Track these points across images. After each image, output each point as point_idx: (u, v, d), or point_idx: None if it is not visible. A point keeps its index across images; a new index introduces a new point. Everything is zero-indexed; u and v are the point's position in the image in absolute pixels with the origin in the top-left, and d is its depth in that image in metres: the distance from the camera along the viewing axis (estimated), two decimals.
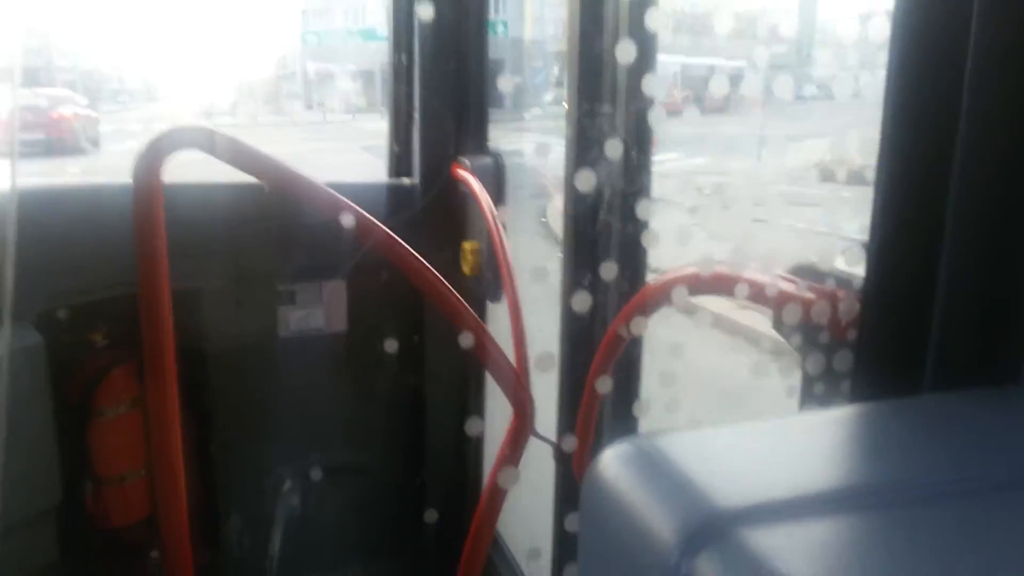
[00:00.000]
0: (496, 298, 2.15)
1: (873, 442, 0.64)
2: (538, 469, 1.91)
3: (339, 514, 2.49)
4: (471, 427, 2.47)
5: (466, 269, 2.21)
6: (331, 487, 2.46)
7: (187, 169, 1.87)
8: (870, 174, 0.77)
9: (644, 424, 1.68)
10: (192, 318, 2.22)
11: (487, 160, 2.22)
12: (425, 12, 2.21)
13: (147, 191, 1.56)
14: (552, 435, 1.88)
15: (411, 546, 2.55)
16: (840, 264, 0.91)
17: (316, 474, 2.43)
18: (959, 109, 0.71)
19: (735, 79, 1.53)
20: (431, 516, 2.54)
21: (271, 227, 2.17)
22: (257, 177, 1.72)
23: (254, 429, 2.37)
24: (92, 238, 1.99)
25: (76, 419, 2.21)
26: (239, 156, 1.62)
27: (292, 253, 2.24)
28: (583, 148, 1.52)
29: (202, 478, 2.30)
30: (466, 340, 1.78)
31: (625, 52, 1.40)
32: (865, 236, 0.78)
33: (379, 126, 2.73)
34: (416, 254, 1.79)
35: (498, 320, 2.16)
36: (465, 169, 2.20)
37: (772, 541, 0.48)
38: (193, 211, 2.06)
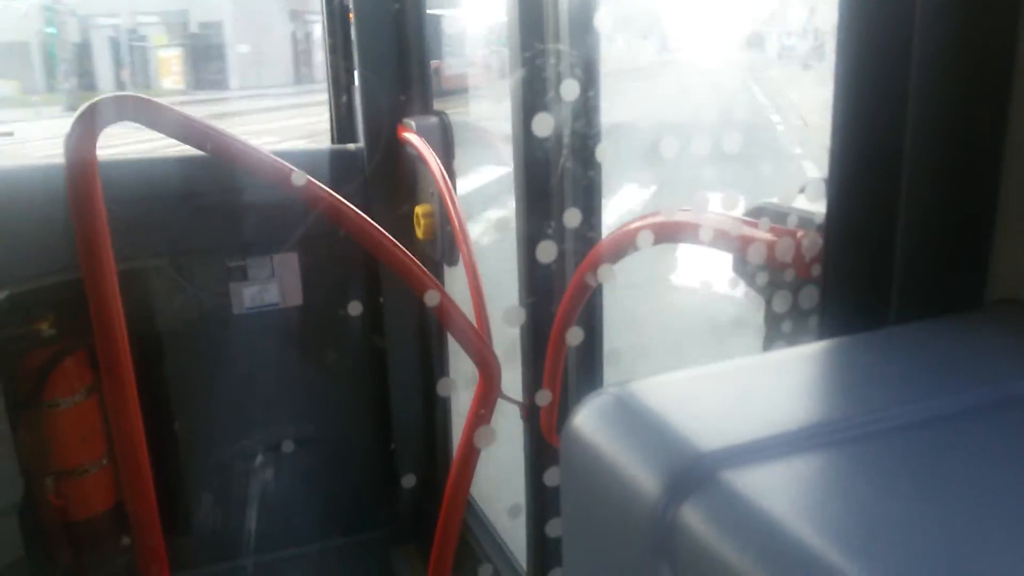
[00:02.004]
0: (452, 261, 2.13)
1: (845, 376, 0.65)
2: (507, 429, 1.91)
3: (311, 487, 2.47)
4: (437, 391, 2.46)
5: (420, 233, 2.18)
6: (300, 460, 2.45)
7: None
8: None
9: (610, 375, 1.69)
10: (141, 299, 2.16)
11: (433, 120, 2.17)
12: None
13: (81, 168, 1.49)
14: (519, 394, 1.87)
15: (386, 514, 2.55)
16: (801, 202, 0.91)
17: (284, 448, 2.41)
18: (912, 38, 0.70)
19: None
20: (404, 483, 2.53)
21: (215, 201, 2.11)
22: (199, 147, 1.65)
23: (217, 408, 2.34)
24: (27, 223, 1.92)
25: (30, 412, 2.16)
26: (177, 126, 1.56)
27: (240, 227, 2.19)
28: (530, 93, 1.49)
29: (167, 461, 2.27)
30: (426, 303, 1.76)
31: None
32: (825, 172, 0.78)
33: None
34: (367, 218, 1.75)
35: (456, 283, 2.14)
36: (411, 131, 2.16)
37: (757, 481, 0.48)
38: (132, 187, 2.00)
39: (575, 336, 1.52)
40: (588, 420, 0.59)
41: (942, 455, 0.51)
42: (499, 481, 2.34)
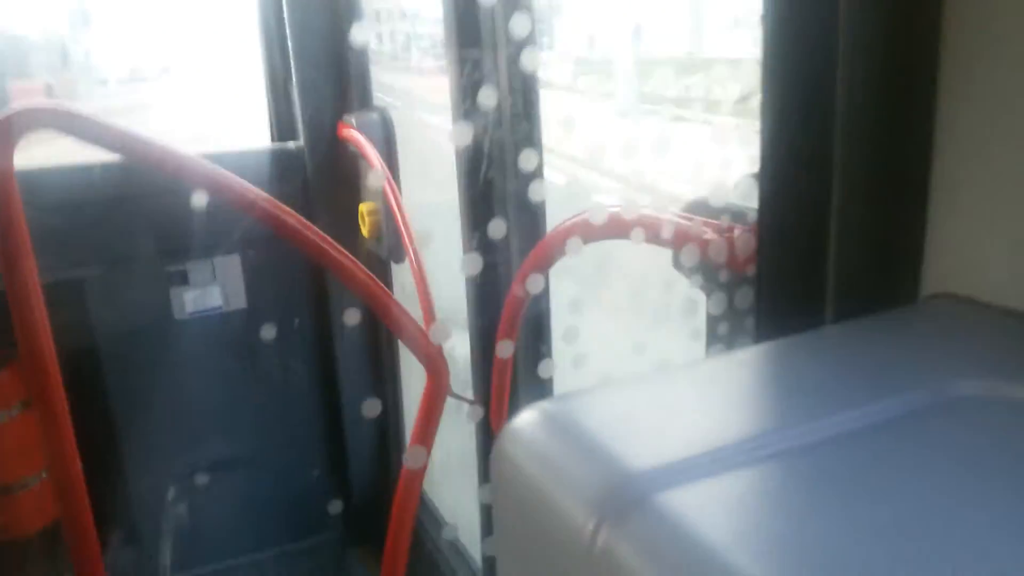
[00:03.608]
0: (399, 259, 2.09)
1: (781, 383, 0.63)
2: (463, 429, 1.89)
3: (260, 493, 2.43)
4: (387, 394, 2.43)
5: (365, 231, 2.15)
6: (248, 466, 2.40)
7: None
8: None
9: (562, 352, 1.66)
10: (74, 311, 2.09)
11: (374, 116, 2.13)
12: None
13: None
14: (470, 393, 1.85)
15: (339, 518, 2.52)
16: (734, 198, 0.90)
17: (232, 454, 2.36)
18: (837, 32, 0.69)
19: None
20: (356, 484, 2.51)
21: (149, 205, 2.05)
22: (125, 155, 1.60)
23: (160, 417, 2.28)
24: None
25: None
26: (100, 135, 1.50)
27: (177, 231, 2.12)
28: (468, 99, 1.46)
29: (106, 475, 2.20)
30: (367, 305, 1.73)
31: None
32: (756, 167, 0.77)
33: None
34: (304, 220, 1.71)
35: (404, 280, 2.11)
36: (352, 128, 2.12)
37: (688, 503, 0.47)
38: (57, 196, 1.93)
39: (506, 348, 1.51)
40: (519, 437, 0.58)
41: (878, 465, 0.50)
42: (453, 479, 2.32)
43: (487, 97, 1.42)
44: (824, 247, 0.74)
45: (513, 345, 1.53)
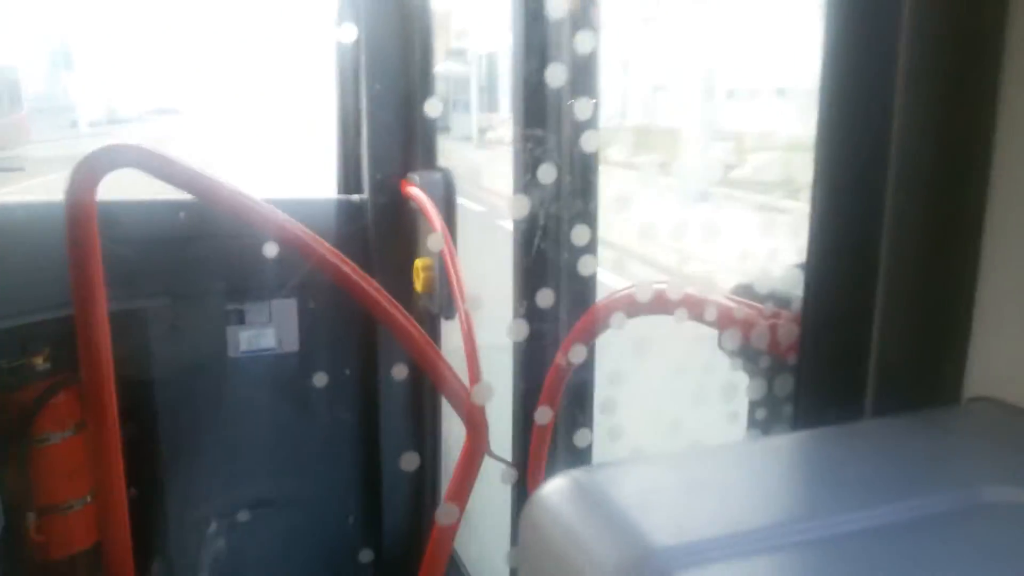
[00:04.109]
0: (449, 315, 2.13)
1: (814, 472, 0.64)
2: (500, 491, 1.89)
3: (295, 539, 2.44)
4: (426, 448, 2.44)
5: (418, 286, 2.19)
6: (286, 511, 2.42)
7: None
8: None
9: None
10: (137, 340, 2.16)
11: (436, 176, 2.20)
12: (371, 26, 2.19)
13: (80, 210, 1.51)
14: (510, 455, 1.86)
15: (370, 567, 2.51)
16: (781, 286, 0.91)
17: (271, 498, 2.38)
18: (891, 130, 0.71)
19: None
20: (389, 540, 2.50)
21: (216, 245, 2.13)
22: (197, 196, 1.68)
23: (206, 452, 2.32)
24: (28, 258, 1.93)
25: (17, 447, 2.15)
26: (176, 174, 1.58)
27: (239, 271, 2.20)
28: (529, 174, 1.51)
29: (149, 504, 2.24)
30: (414, 358, 1.76)
31: (562, 76, 1.39)
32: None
33: None
34: (361, 272, 1.76)
35: (453, 338, 2.13)
36: (414, 185, 2.18)
37: None
38: (131, 229, 2.01)
39: (544, 415, 1.52)
40: (547, 503, 0.59)
41: (898, 564, 0.50)
42: (487, 539, 2.30)
43: (547, 173, 1.46)
44: (867, 341, 0.75)
45: (553, 412, 1.54)
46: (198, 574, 2.34)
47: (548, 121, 1.49)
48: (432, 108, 2.23)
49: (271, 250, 1.81)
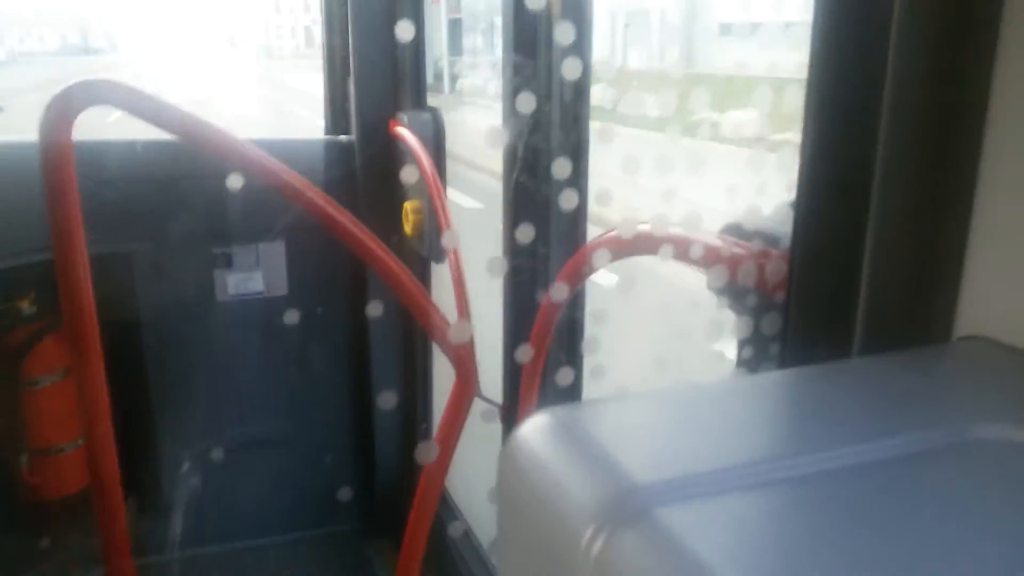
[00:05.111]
0: (439, 259, 2.11)
1: (799, 410, 0.63)
2: (494, 431, 1.90)
3: (285, 478, 2.46)
4: (416, 390, 2.44)
5: (408, 229, 2.17)
6: (275, 452, 2.44)
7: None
8: None
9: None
10: (121, 283, 2.15)
11: (425, 116, 2.16)
12: None
13: (56, 150, 1.47)
14: (500, 396, 1.86)
15: (360, 508, 2.54)
16: (770, 223, 0.89)
17: (260, 439, 2.40)
18: (884, 64, 0.68)
19: None
20: (380, 477, 2.52)
21: (201, 187, 2.10)
22: (176, 134, 1.64)
23: (195, 394, 2.33)
24: (7, 200, 1.90)
25: (8, 390, 2.15)
26: (157, 113, 1.54)
27: (226, 214, 2.17)
28: (518, 107, 1.47)
29: (138, 446, 2.26)
30: (402, 301, 1.75)
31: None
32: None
33: None
34: (349, 214, 1.73)
35: (444, 281, 2.12)
36: (403, 126, 2.15)
37: (689, 520, 0.47)
38: (112, 170, 1.98)
39: (525, 353, 1.51)
40: (527, 441, 0.58)
41: (884, 500, 0.50)
42: (478, 479, 2.33)
43: (528, 102, 1.43)
44: (857, 278, 0.74)
45: (543, 353, 1.53)
46: (190, 515, 2.37)
47: (537, 49, 1.45)
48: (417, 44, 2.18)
49: (258, 193, 1.78)
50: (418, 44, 2.19)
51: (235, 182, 1.80)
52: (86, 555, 2.15)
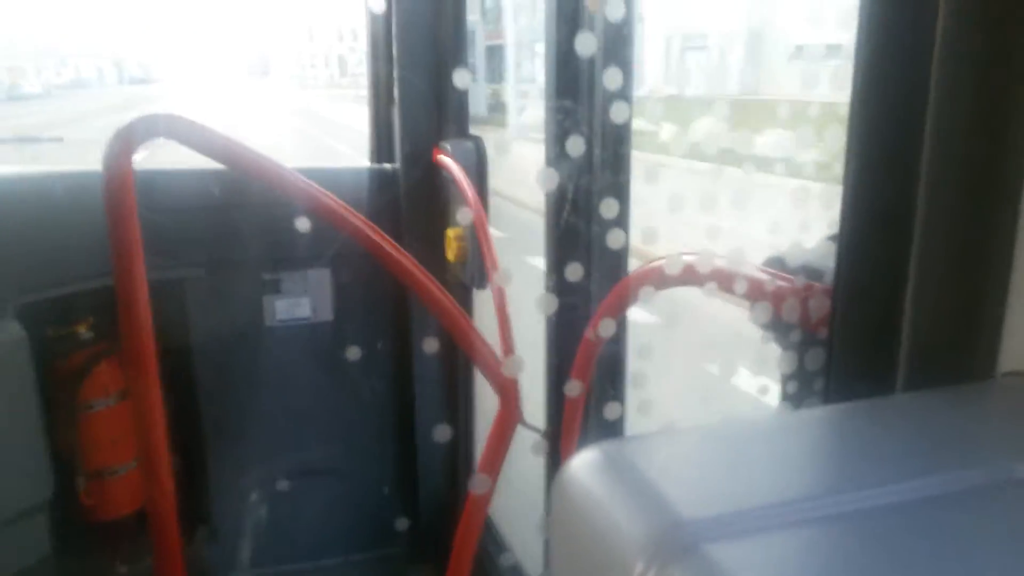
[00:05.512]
0: (481, 285, 2.14)
1: (845, 446, 0.64)
2: (535, 461, 1.91)
3: (332, 502, 2.49)
4: (459, 418, 2.46)
5: (450, 256, 2.20)
6: (323, 475, 2.47)
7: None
8: None
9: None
10: (175, 309, 2.21)
11: (468, 145, 2.19)
12: None
13: (118, 179, 1.53)
14: (543, 424, 1.87)
15: (406, 533, 2.56)
16: (813, 257, 0.90)
17: (308, 463, 2.43)
18: (926, 101, 0.69)
19: None
20: (425, 502, 2.54)
21: (250, 214, 2.16)
22: (229, 166, 1.70)
23: (245, 417, 2.37)
24: (68, 228, 1.97)
25: (65, 412, 2.21)
26: (211, 145, 1.60)
27: (274, 241, 2.23)
28: (561, 143, 1.50)
29: (192, 467, 2.30)
30: (446, 329, 1.77)
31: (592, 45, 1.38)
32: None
33: None
34: (393, 242, 1.77)
35: (485, 308, 2.15)
36: (446, 154, 2.18)
37: (735, 555, 0.48)
38: (169, 198, 2.05)
39: (574, 388, 1.52)
40: (578, 474, 0.59)
41: (926, 539, 0.50)
42: (522, 506, 2.33)
43: (576, 145, 1.45)
44: (900, 314, 0.74)
45: (585, 384, 1.54)
46: (240, 538, 2.41)
47: (580, 91, 1.47)
48: (463, 77, 2.23)
49: (305, 220, 1.83)
50: (460, 74, 2.24)
51: (284, 211, 1.85)
52: None
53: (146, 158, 1.74)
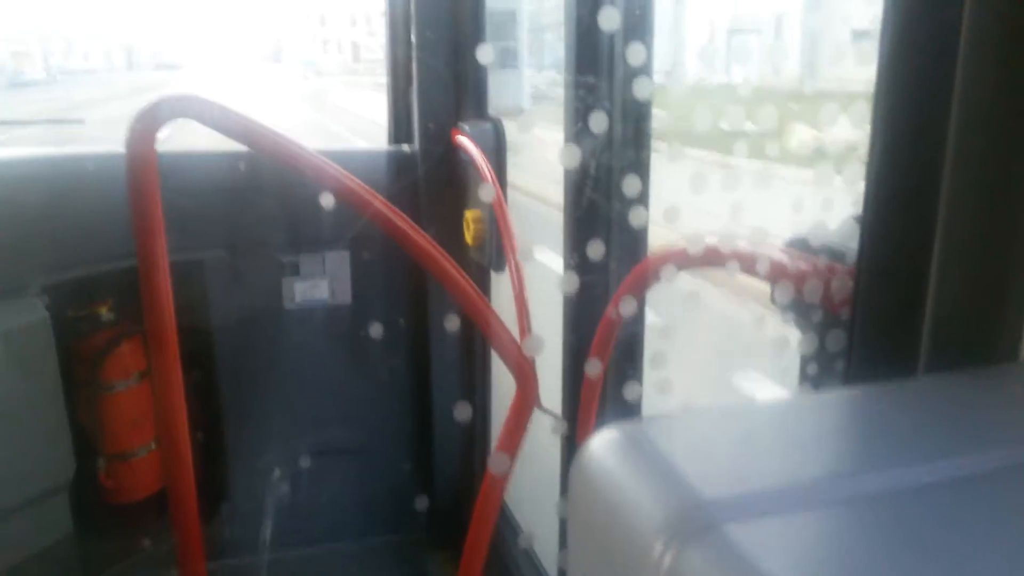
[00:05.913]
0: (499, 268, 2.13)
1: (866, 428, 0.63)
2: (551, 443, 1.91)
3: (349, 486, 2.51)
4: (476, 399, 2.46)
5: (469, 238, 2.20)
6: (340, 460, 2.48)
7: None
8: None
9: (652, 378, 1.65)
10: (196, 290, 2.22)
11: (487, 126, 2.18)
12: None
13: (141, 160, 1.54)
14: (559, 408, 1.87)
15: (421, 518, 2.57)
16: (837, 238, 0.89)
17: (325, 447, 2.45)
18: (952, 80, 0.68)
19: None
20: (441, 488, 2.55)
21: (269, 196, 2.16)
22: (253, 148, 1.70)
23: (264, 398, 2.39)
24: (92, 209, 1.98)
25: (86, 393, 2.23)
26: (233, 126, 1.60)
27: (293, 223, 2.23)
28: (581, 121, 1.49)
29: (212, 449, 2.32)
30: (465, 311, 1.77)
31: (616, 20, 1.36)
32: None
33: None
34: (412, 224, 1.77)
35: (503, 290, 2.14)
36: (465, 135, 2.18)
37: (758, 536, 0.47)
38: (191, 180, 2.05)
39: (594, 367, 1.51)
40: (597, 455, 0.59)
41: (949, 521, 0.50)
42: (536, 491, 2.34)
43: (597, 122, 1.44)
44: (923, 296, 0.73)
45: (603, 365, 1.54)
46: (260, 519, 2.43)
47: (600, 67, 1.46)
48: (483, 55, 2.21)
49: (324, 202, 1.83)
50: (480, 53, 2.22)
51: (303, 192, 1.85)
52: (160, 558, 2.23)
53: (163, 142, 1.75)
